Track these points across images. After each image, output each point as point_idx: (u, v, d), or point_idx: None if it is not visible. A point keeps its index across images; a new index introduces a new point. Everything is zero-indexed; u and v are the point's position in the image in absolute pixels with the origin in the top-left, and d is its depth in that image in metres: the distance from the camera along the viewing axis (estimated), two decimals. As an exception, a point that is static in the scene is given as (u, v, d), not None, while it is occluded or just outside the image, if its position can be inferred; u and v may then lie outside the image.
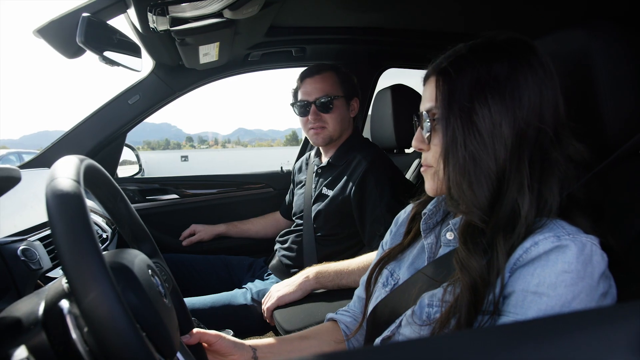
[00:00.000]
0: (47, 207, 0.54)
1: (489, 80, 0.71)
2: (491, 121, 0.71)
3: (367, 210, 1.52)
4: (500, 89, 0.71)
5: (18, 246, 0.93)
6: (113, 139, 1.93)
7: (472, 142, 0.71)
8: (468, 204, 0.73)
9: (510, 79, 0.71)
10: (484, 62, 0.73)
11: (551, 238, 0.66)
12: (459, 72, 0.73)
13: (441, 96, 0.75)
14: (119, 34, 1.17)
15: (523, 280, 0.66)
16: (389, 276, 0.93)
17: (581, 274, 0.63)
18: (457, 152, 0.72)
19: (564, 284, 0.63)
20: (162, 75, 1.90)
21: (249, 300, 1.57)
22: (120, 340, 0.49)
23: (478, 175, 0.72)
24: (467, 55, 0.75)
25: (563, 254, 0.64)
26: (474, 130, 0.71)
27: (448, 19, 1.76)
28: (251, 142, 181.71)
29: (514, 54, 0.73)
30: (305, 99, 1.66)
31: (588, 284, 0.63)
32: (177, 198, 2.17)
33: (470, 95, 0.72)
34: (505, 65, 0.72)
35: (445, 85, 0.75)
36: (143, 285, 0.65)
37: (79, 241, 0.51)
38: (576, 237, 0.65)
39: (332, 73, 1.66)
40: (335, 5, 1.58)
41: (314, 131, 1.67)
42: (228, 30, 1.41)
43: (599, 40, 0.83)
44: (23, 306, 0.64)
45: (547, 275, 0.64)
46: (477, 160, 0.71)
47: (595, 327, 0.35)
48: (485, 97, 0.71)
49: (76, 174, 0.60)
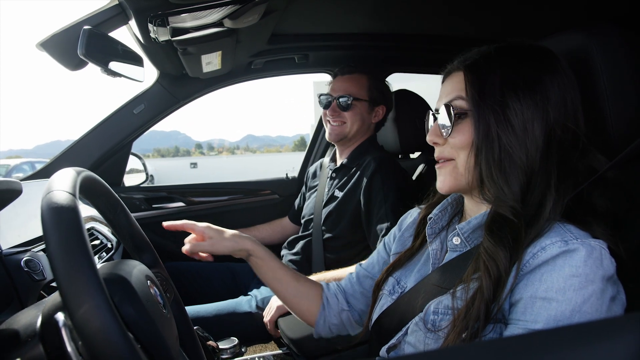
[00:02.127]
0: (42, 220, 0.54)
1: (519, 79, 0.74)
2: (523, 117, 0.73)
3: (373, 210, 1.52)
4: (530, 88, 0.73)
5: (22, 257, 0.94)
6: (119, 148, 1.94)
7: (506, 136, 0.72)
8: (502, 196, 0.73)
9: (538, 80, 0.74)
10: (513, 63, 0.76)
11: (559, 242, 0.66)
12: (489, 68, 0.75)
13: (472, 89, 0.76)
14: (120, 45, 1.18)
15: (531, 287, 0.65)
16: (395, 284, 0.92)
17: (590, 278, 0.62)
18: (493, 144, 0.73)
19: (573, 288, 0.62)
20: (167, 84, 1.92)
21: (253, 308, 1.56)
22: (113, 353, 0.49)
23: (512, 169, 0.73)
24: (495, 55, 0.77)
25: (571, 258, 0.64)
26: (507, 124, 0.73)
27: (450, 24, 1.76)
28: (260, 148, 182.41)
29: (540, 58, 0.76)
30: (330, 93, 1.73)
31: (598, 288, 0.62)
32: (184, 206, 2.18)
33: (501, 91, 0.73)
34: (533, 68, 0.75)
35: (476, 79, 0.76)
36: (140, 296, 0.65)
37: (72, 254, 0.51)
38: (584, 240, 0.65)
39: (363, 76, 1.71)
40: (336, 12, 1.59)
41: (330, 125, 1.72)
42: (229, 39, 1.42)
43: (599, 43, 0.83)
44: (22, 319, 0.65)
45: (555, 280, 0.63)
46: (511, 154, 0.72)
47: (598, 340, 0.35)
48: (517, 94, 0.73)
49: (72, 186, 0.61)
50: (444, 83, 0.84)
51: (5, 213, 0.89)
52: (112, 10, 1.10)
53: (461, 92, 0.77)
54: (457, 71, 0.80)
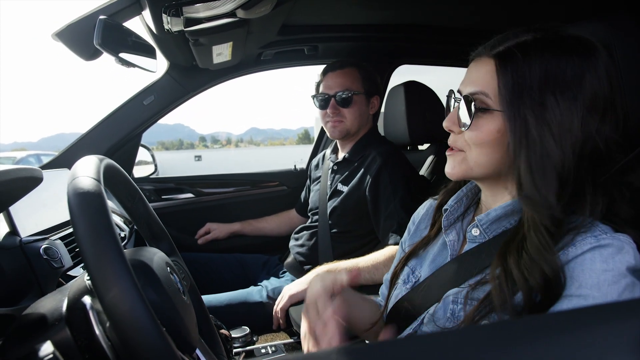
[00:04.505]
0: (69, 206, 0.55)
1: (559, 75, 0.68)
2: (562, 119, 0.67)
3: (382, 205, 1.52)
4: (571, 86, 0.68)
5: (40, 245, 0.95)
6: (129, 140, 1.95)
7: (545, 137, 0.68)
8: (539, 201, 0.68)
9: (580, 79, 0.68)
10: (554, 55, 0.69)
11: (589, 238, 0.65)
12: (526, 59, 0.69)
13: (506, 83, 0.70)
14: (134, 36, 1.18)
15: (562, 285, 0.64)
16: (410, 274, 0.91)
17: (622, 271, 0.62)
18: (535, 145, 0.68)
19: (607, 283, 0.61)
20: (176, 75, 1.92)
21: (264, 298, 1.58)
22: (141, 336, 0.50)
23: (551, 171, 0.68)
24: (533, 44, 0.70)
25: (600, 254, 0.63)
26: (546, 125, 0.68)
27: (460, 16, 1.75)
28: (264, 141, 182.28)
29: (582, 52, 0.70)
30: (326, 92, 1.69)
31: (630, 281, 0.62)
32: (193, 197, 2.20)
33: (540, 89, 0.68)
34: (576, 63, 0.69)
35: (511, 71, 0.70)
36: (162, 282, 0.67)
37: (100, 239, 0.52)
38: (614, 235, 0.64)
39: (355, 69, 1.69)
40: (347, 3, 1.58)
41: (332, 124, 1.69)
42: (241, 29, 1.42)
43: (618, 34, 0.82)
44: (47, 303, 0.66)
45: (587, 277, 0.63)
46: (550, 156, 0.68)
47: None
48: (557, 92, 0.68)
49: (96, 172, 0.61)
50: (470, 67, 0.78)
51: (21, 202, 0.90)
52: (126, 0, 1.10)
53: (487, 86, 0.72)
54: (487, 58, 0.74)
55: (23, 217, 1.01)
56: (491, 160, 0.75)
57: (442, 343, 0.34)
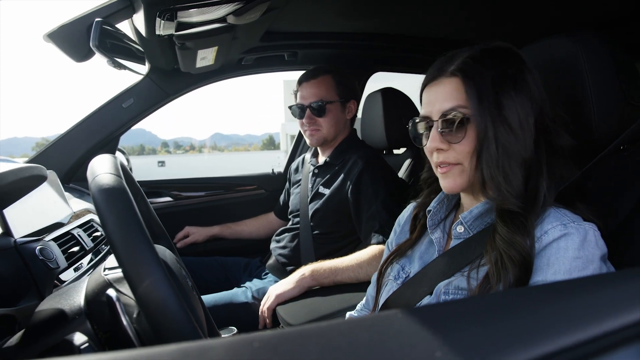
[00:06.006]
0: (95, 202, 0.57)
1: (506, 78, 0.78)
2: (518, 113, 0.77)
3: (363, 207, 1.58)
4: (517, 84, 0.78)
5: (35, 246, 0.95)
6: (107, 143, 1.93)
7: (504, 136, 0.76)
8: (504, 194, 0.77)
9: (522, 76, 0.79)
10: (499, 64, 0.80)
11: (559, 226, 0.73)
12: (481, 72, 0.79)
13: (470, 94, 0.78)
14: (127, 38, 1.19)
15: (540, 272, 0.72)
16: (400, 270, 0.97)
17: (590, 258, 0.70)
18: (490, 145, 0.77)
19: (577, 270, 0.70)
20: (156, 79, 1.92)
21: (249, 298, 1.60)
22: (174, 322, 0.53)
23: (513, 166, 0.77)
24: (482, 58, 0.80)
25: (572, 242, 0.71)
26: (505, 123, 0.77)
27: (433, 27, 1.85)
28: (228, 146, 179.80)
29: (516, 57, 0.82)
30: (301, 102, 1.73)
31: (597, 266, 0.70)
32: (171, 201, 2.18)
33: (495, 93, 0.77)
34: (515, 66, 0.80)
35: (472, 84, 0.78)
36: (178, 277, 0.69)
37: (131, 232, 0.55)
38: (580, 224, 0.73)
39: (329, 77, 1.72)
40: (331, 12, 1.64)
41: (309, 133, 1.74)
42: (227, 35, 1.45)
43: (586, 49, 0.91)
44: (62, 299, 0.67)
45: (561, 263, 0.70)
46: (510, 153, 0.77)
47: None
48: (509, 92, 0.77)
49: (116, 169, 0.64)
50: (432, 89, 0.85)
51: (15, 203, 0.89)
52: (120, 3, 1.11)
53: (460, 100, 0.79)
54: (449, 77, 0.81)
55: (14, 219, 1.00)
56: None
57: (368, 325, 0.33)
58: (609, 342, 0.30)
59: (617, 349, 0.30)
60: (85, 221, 1.32)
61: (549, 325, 0.30)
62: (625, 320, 0.31)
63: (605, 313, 0.32)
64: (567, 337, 0.29)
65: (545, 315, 0.32)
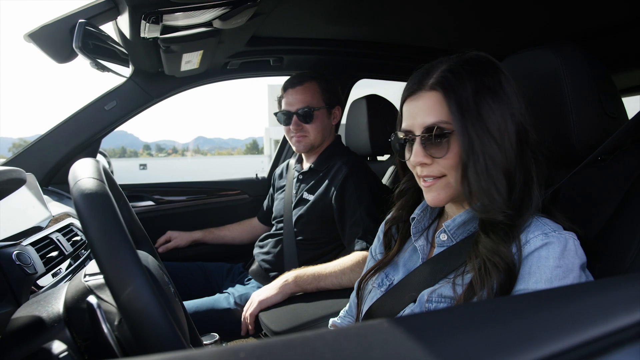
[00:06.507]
0: (77, 207, 0.56)
1: (485, 89, 0.78)
2: (498, 123, 0.77)
3: (348, 213, 1.58)
4: (496, 94, 0.79)
5: (12, 251, 0.92)
6: (88, 145, 1.90)
7: (488, 146, 0.76)
8: (496, 204, 0.76)
9: (499, 86, 0.80)
10: (477, 75, 0.79)
11: (540, 235, 0.74)
12: (461, 84, 0.78)
13: (452, 109, 0.78)
14: (111, 40, 1.18)
15: (522, 280, 0.73)
16: (384, 277, 0.98)
17: (570, 267, 0.72)
18: (478, 157, 0.76)
19: (558, 278, 0.71)
20: (140, 81, 1.90)
21: (232, 304, 1.59)
22: (157, 330, 0.52)
23: (498, 175, 0.77)
24: (461, 70, 0.80)
25: (553, 251, 0.72)
26: (487, 134, 0.76)
27: (420, 35, 1.87)
28: (211, 150, 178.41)
29: (494, 67, 0.82)
30: (288, 109, 1.72)
31: (576, 275, 0.72)
32: (153, 205, 2.16)
33: (475, 104, 0.77)
34: (493, 76, 0.80)
35: (453, 98, 0.78)
36: (160, 284, 0.68)
37: (114, 238, 0.54)
38: (561, 233, 0.74)
39: (314, 83, 1.72)
40: (317, 19, 1.65)
41: (296, 139, 1.73)
42: (213, 39, 1.44)
43: (566, 61, 0.93)
44: (39, 306, 0.66)
45: (542, 272, 0.72)
46: (495, 162, 0.77)
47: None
48: (488, 102, 0.77)
49: (98, 173, 0.63)
50: (412, 103, 0.84)
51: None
52: (105, 4, 1.10)
53: (441, 115, 0.79)
54: (429, 91, 0.81)
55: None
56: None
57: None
58: (590, 350, 0.31)
59: (597, 357, 0.31)
60: (65, 225, 1.29)
61: (533, 334, 0.31)
62: (604, 329, 0.32)
63: (586, 322, 0.33)
64: (549, 346, 0.30)
65: (529, 324, 0.33)
